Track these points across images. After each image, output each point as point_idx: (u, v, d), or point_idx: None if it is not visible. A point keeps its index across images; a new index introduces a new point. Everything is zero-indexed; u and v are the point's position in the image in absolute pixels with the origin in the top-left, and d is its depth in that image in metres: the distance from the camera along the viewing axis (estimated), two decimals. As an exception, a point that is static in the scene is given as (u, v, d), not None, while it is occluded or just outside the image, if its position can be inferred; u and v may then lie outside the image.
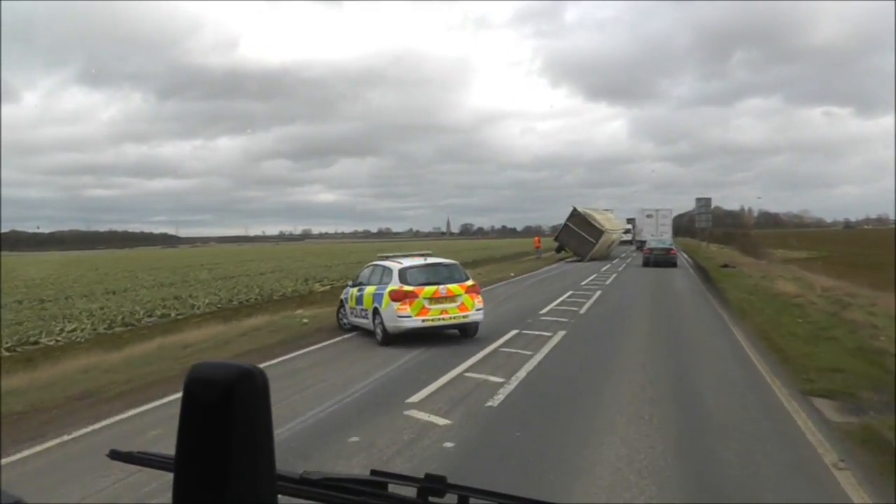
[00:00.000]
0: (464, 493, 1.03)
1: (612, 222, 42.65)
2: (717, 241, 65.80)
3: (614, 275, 26.85)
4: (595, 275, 26.57)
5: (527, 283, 24.09)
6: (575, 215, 38.91)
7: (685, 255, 45.61)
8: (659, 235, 43.17)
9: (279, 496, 0.86)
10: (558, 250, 41.08)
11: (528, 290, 20.83)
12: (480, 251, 74.47)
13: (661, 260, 29.84)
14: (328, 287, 30.09)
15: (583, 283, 22.96)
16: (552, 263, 37.63)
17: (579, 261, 38.64)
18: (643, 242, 46.05)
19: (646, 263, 30.84)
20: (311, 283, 34.20)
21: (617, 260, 39.40)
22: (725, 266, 28.11)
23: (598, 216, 39.84)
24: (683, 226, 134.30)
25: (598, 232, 38.13)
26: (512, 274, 28.51)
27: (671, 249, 31.69)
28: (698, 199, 49.56)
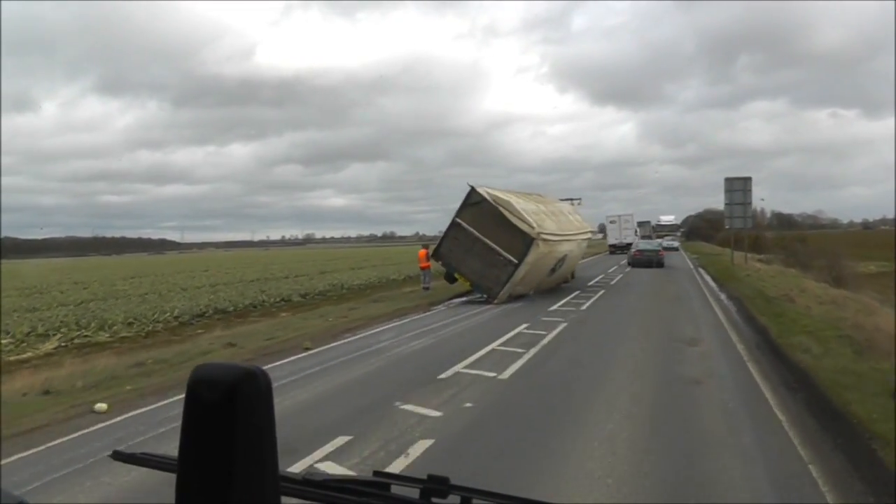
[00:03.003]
0: (466, 494, 1.02)
1: (562, 220, 21.14)
2: (747, 248, 44.62)
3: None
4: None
5: None
6: (474, 204, 18.06)
7: (708, 280, 24.49)
8: (622, 239, 48.03)
9: (282, 497, 0.83)
10: (450, 278, 19.97)
11: None
12: (390, 267, 53.69)
13: (650, 260, 30.96)
14: (52, 349, 16.00)
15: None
16: (407, 315, 16.85)
17: (486, 301, 17.92)
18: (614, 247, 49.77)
19: (633, 264, 31.55)
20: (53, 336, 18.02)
21: (567, 300, 18.40)
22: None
23: (525, 207, 18.69)
24: (693, 225, 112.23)
25: (524, 240, 17.31)
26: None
27: (659, 251, 33.04)
28: (730, 181, 28.53)
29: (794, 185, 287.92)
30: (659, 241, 44.58)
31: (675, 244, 62.08)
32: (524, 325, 13.11)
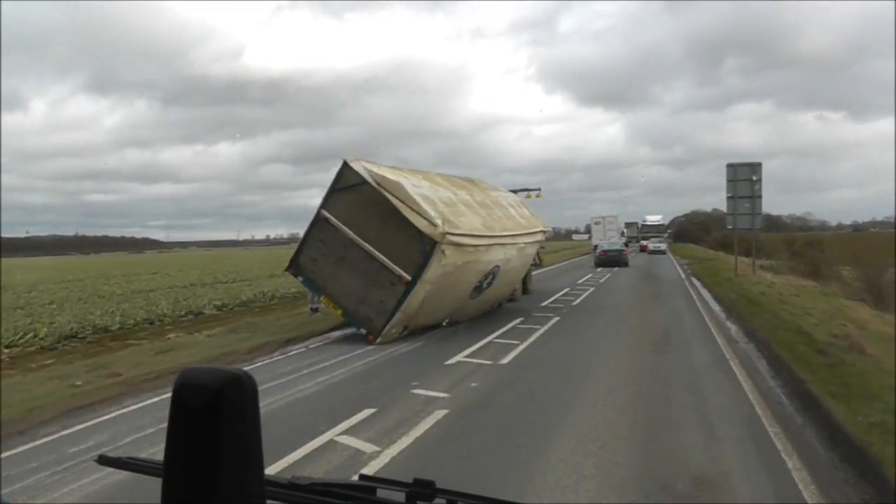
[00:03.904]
0: (452, 498, 1.01)
1: (496, 214, 13.96)
2: (745, 252, 38.19)
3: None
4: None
5: None
6: (349, 188, 11.49)
7: (708, 299, 17.90)
8: (607, 240, 45.77)
9: (268, 501, 0.83)
10: (313, 306, 13.07)
11: None
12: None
13: (615, 260, 32.57)
14: None
15: None
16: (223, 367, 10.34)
17: (367, 336, 11.36)
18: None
19: (599, 264, 32.22)
20: None
21: (492, 338, 11.69)
22: None
23: (426, 193, 11.91)
24: (681, 227, 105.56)
25: (422, 244, 10.79)
26: None
27: (623, 251, 34.95)
28: (733, 168, 22.13)
29: (781, 187, 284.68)
30: (619, 242, 44.64)
31: (663, 246, 55.71)
32: (364, 414, 6.59)
